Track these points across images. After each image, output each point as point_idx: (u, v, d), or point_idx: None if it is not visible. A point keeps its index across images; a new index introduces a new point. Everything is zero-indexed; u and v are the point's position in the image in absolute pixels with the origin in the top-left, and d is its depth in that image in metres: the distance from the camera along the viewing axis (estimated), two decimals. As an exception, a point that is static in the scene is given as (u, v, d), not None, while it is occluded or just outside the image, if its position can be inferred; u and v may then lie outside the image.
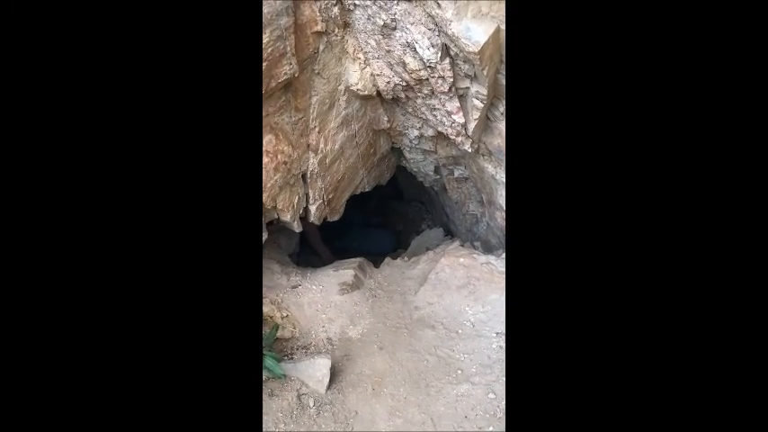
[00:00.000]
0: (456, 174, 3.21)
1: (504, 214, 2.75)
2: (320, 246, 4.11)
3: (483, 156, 2.60)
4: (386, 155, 3.16)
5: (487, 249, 3.51)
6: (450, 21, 1.77)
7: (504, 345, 2.27)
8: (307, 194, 2.58)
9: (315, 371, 2.06)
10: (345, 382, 2.15)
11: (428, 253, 3.19)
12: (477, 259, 2.75)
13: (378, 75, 2.30)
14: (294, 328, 2.47)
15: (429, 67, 2.03)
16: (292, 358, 2.29)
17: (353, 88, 2.35)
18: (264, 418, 1.85)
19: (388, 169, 3.41)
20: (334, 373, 2.15)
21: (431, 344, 2.39)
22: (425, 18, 1.88)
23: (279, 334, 2.39)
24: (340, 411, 2.00)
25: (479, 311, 2.53)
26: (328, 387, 2.05)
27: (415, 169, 3.46)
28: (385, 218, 5.70)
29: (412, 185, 4.76)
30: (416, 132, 2.75)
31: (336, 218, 2.99)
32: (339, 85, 2.35)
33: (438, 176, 3.47)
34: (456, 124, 2.29)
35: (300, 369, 2.05)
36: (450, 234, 4.40)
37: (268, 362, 1.94)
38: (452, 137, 2.41)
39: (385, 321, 2.62)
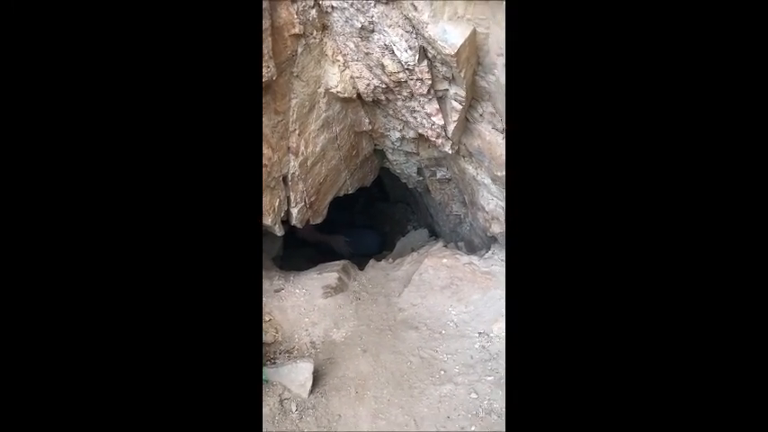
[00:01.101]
0: (438, 175, 3.22)
1: (486, 215, 2.77)
2: (325, 237, 4.13)
3: (463, 157, 2.61)
4: (369, 156, 3.16)
5: (471, 249, 3.54)
6: (427, 23, 1.78)
7: (486, 345, 2.28)
8: (288, 197, 2.57)
9: (297, 375, 2.05)
10: (329, 386, 2.14)
11: (412, 254, 3.19)
12: (459, 260, 2.76)
13: (357, 77, 2.30)
14: (277, 333, 2.45)
15: (407, 69, 2.04)
16: (275, 363, 2.28)
17: (334, 91, 2.35)
18: (246, 424, 1.83)
19: (372, 171, 3.42)
20: (317, 377, 2.13)
21: (414, 345, 2.39)
22: (402, 20, 1.89)
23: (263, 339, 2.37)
24: (323, 415, 1.99)
25: (462, 312, 2.54)
26: (311, 391, 2.04)
27: (398, 171, 3.47)
28: (371, 219, 5.70)
29: (397, 187, 4.77)
30: (398, 134, 2.75)
31: (319, 220, 2.98)
32: (319, 87, 2.34)
33: (421, 178, 3.48)
34: (436, 126, 2.30)
35: (282, 374, 2.03)
36: (434, 235, 4.42)
37: (249, 367, 1.91)
38: (433, 138, 2.42)
39: (369, 324, 2.61)
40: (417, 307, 2.68)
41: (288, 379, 2.04)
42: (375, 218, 5.78)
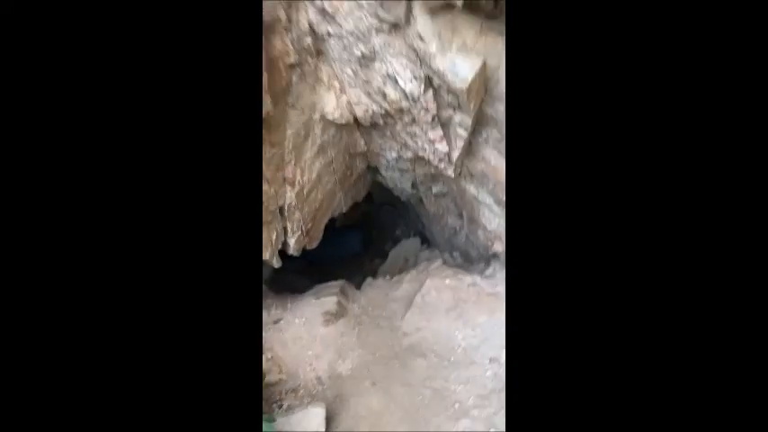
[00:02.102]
0: (434, 190, 3.15)
1: (487, 233, 2.72)
2: None
3: (465, 178, 2.54)
4: (362, 174, 3.06)
5: (467, 260, 3.50)
6: (435, 54, 1.68)
7: (498, 372, 2.25)
8: (285, 228, 2.44)
9: (309, 421, 1.96)
10: (342, 427, 2.07)
11: (411, 272, 3.13)
12: (463, 280, 2.71)
13: (355, 103, 2.18)
14: (281, 371, 2.35)
15: (411, 99, 1.94)
16: (281, 405, 2.18)
17: (329, 117, 2.23)
18: (261, 483, 1.74)
19: (365, 186, 3.32)
20: (329, 420, 2.06)
21: (424, 375, 2.34)
22: (407, 49, 1.78)
23: (266, 379, 2.26)
24: (341, 463, 1.92)
25: (469, 335, 2.50)
26: (325, 437, 1.97)
27: (391, 185, 3.38)
28: (352, 219, 5.54)
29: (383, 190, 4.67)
30: (395, 155, 2.65)
31: (315, 245, 2.86)
32: (314, 114, 2.22)
33: (415, 191, 3.40)
34: (439, 152, 2.22)
35: (294, 422, 1.94)
36: (427, 243, 4.36)
37: (263, 425, 1.82)
38: (434, 162, 2.34)
39: (374, 352, 2.54)
40: (422, 331, 2.62)
41: (300, 427, 1.95)
42: (357, 219, 5.66)
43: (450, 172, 2.35)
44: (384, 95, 2.02)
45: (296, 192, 2.34)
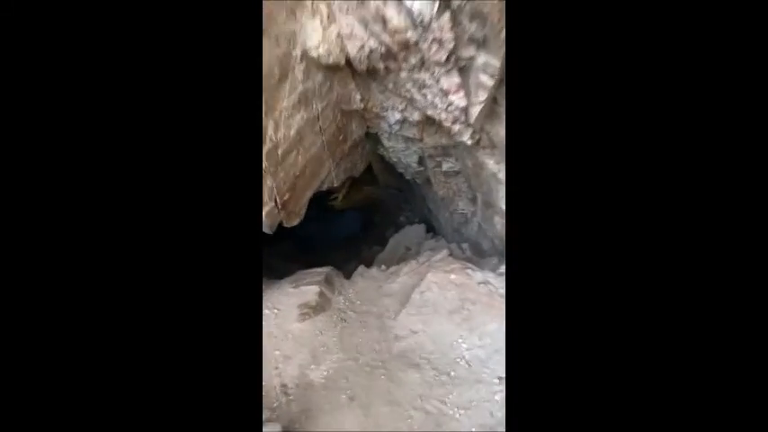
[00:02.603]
0: (444, 167, 2.64)
1: (504, 220, 2.21)
2: None
3: (483, 148, 2.02)
4: (359, 142, 2.56)
5: (477, 253, 2.99)
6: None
7: (510, 397, 1.76)
8: (253, 197, 1.96)
9: (259, 448, 1.49)
10: (302, 456, 1.60)
11: (410, 263, 2.63)
12: (472, 277, 2.21)
13: (348, 36, 1.67)
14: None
15: (420, 24, 1.42)
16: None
17: (313, 54, 1.72)
18: None
19: (362, 159, 2.81)
20: (288, 444, 1.59)
21: (416, 392, 1.86)
22: (417, -52, 1.26)
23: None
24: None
25: (476, 345, 2.01)
26: (277, 470, 1.50)
27: (394, 159, 2.87)
28: (354, 202, 5.02)
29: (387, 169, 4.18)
30: (398, 116, 2.14)
31: (296, 222, 2.38)
32: (293, 48, 1.71)
33: (422, 168, 2.90)
34: (453, 108, 1.70)
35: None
36: (432, 231, 3.86)
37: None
38: (447, 123, 1.82)
39: (357, 357, 2.07)
40: (418, 335, 2.14)
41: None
42: (362, 205, 5.20)
43: (467, 137, 1.83)
44: (384, 22, 1.50)
45: (267, 150, 1.84)
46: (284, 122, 1.84)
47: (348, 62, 1.78)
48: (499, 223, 2.35)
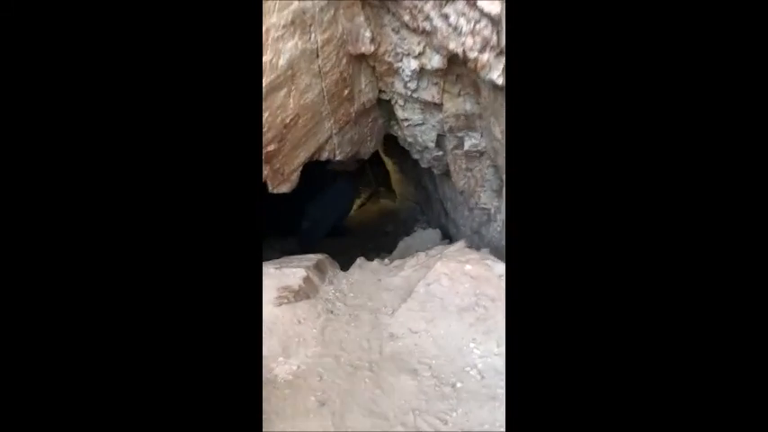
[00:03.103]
0: (467, 145, 2.27)
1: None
2: None
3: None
4: (369, 108, 2.22)
5: (500, 258, 2.54)
6: None
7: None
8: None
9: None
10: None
11: (418, 255, 2.21)
12: (492, 268, 1.78)
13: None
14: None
15: None
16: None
17: (313, -43, 1.39)
18: None
19: (372, 134, 2.47)
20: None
21: (408, 404, 1.39)
22: None
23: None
24: None
25: (492, 353, 1.55)
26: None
27: (410, 139, 2.52)
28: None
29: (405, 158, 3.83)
30: (414, 63, 1.80)
31: (285, 189, 2.01)
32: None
33: (440, 152, 2.54)
34: (483, 24, 1.34)
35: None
36: (449, 238, 3.44)
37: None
38: (472, 55, 1.46)
39: (339, 355, 1.63)
40: (419, 335, 1.69)
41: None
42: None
43: (497, 75, 1.47)
44: None
45: (248, 77, 1.47)
46: (271, 45, 1.50)
47: (357, -23, 1.45)
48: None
